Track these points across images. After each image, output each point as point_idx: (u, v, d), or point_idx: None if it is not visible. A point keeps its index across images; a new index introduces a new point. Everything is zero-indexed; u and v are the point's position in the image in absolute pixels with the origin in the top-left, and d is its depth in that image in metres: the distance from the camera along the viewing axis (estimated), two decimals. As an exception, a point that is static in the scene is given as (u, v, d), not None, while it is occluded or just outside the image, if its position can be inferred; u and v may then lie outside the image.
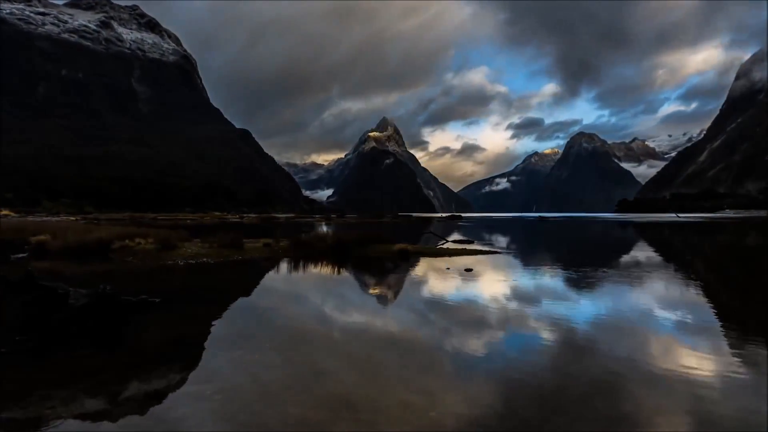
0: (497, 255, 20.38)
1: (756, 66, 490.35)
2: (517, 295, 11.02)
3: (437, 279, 13.36)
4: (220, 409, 4.55)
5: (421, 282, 13.12)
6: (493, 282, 12.88)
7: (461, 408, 4.62)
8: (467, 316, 8.74)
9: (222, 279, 13.87)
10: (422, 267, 16.28)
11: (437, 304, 9.78)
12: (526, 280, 13.50)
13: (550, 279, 13.83)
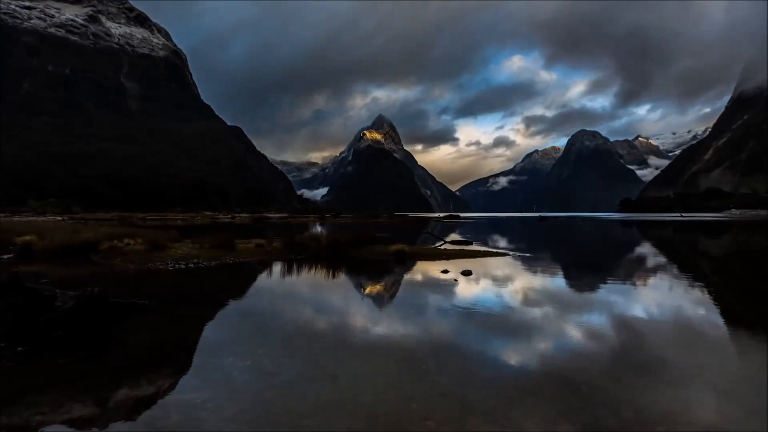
0: (496, 256, 20.38)
1: (762, 63, 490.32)
2: (516, 299, 11.05)
3: (434, 283, 13.35)
4: (212, 416, 4.56)
5: (417, 286, 13.13)
6: (490, 285, 12.87)
7: (458, 414, 4.64)
8: (461, 321, 8.75)
9: (213, 281, 13.84)
10: (419, 269, 16.28)
11: (433, 310, 9.78)
12: (526, 282, 13.51)
13: (553, 281, 13.85)
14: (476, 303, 10.32)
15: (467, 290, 11.95)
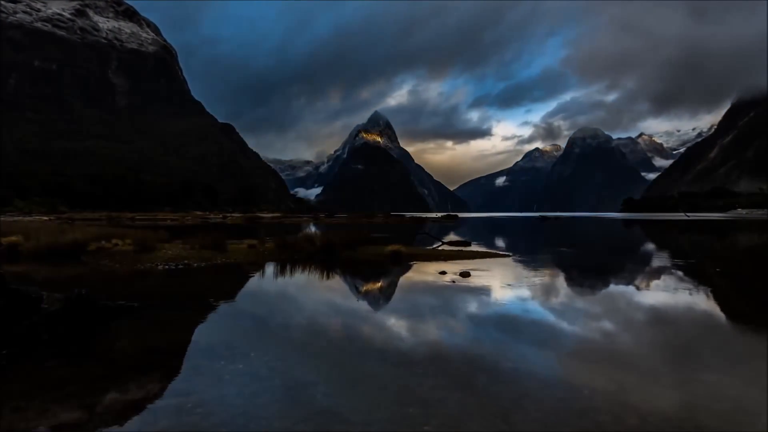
0: (496, 258, 20.38)
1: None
2: (516, 301, 11.04)
3: (432, 285, 13.34)
4: (202, 422, 4.55)
5: (414, 288, 13.12)
6: (489, 288, 12.85)
7: (456, 419, 4.64)
8: (459, 324, 8.76)
9: (204, 283, 13.82)
10: (416, 271, 16.28)
11: (431, 312, 9.80)
12: (526, 285, 13.49)
13: (554, 284, 13.84)
14: (474, 305, 10.32)
15: (465, 292, 11.93)
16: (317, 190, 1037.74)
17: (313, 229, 48.43)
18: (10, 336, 7.00)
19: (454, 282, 13.42)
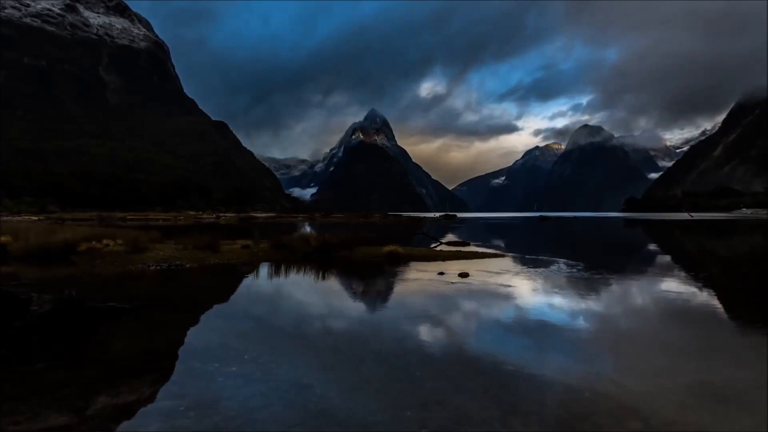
0: (495, 258, 20.39)
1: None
2: (515, 302, 11.04)
3: (430, 286, 13.32)
4: (195, 426, 4.55)
5: (411, 289, 13.08)
6: (488, 288, 12.84)
7: (455, 423, 4.65)
8: (457, 326, 8.78)
9: (197, 284, 13.81)
10: (414, 271, 16.23)
11: (429, 314, 9.78)
12: (525, 285, 13.49)
13: (554, 284, 13.84)
14: (473, 306, 10.35)
15: (464, 293, 11.94)
16: (313, 190, 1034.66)
17: (308, 228, 48.46)
18: (0, 338, 6.99)
19: (452, 283, 13.43)
